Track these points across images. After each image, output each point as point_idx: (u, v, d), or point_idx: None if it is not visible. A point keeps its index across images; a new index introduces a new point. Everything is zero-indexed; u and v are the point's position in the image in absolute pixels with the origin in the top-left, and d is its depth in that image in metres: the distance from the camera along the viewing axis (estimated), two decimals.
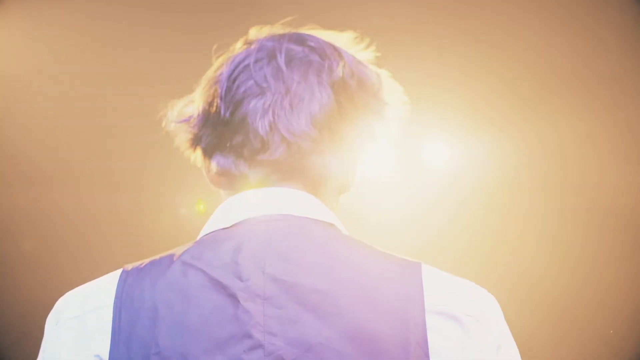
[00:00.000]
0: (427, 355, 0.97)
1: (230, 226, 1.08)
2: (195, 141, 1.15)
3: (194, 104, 1.15)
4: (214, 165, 1.13)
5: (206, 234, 1.10)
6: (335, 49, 1.16)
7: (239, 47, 1.17)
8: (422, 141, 3.74)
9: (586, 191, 3.65)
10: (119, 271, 1.07)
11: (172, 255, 1.06)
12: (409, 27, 3.53)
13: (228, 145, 1.10)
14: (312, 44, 1.15)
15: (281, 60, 1.10)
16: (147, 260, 1.07)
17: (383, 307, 0.99)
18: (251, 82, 1.09)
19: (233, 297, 0.99)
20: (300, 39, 1.15)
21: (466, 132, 3.69)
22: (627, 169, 3.58)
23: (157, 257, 1.07)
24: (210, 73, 1.16)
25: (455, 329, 1.01)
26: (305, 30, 1.20)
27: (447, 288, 1.05)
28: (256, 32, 1.19)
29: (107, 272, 1.14)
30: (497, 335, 1.05)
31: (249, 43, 1.16)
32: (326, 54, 1.14)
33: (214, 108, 1.10)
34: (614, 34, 3.46)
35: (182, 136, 1.17)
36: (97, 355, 1.00)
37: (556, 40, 3.51)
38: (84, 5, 3.56)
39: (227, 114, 1.09)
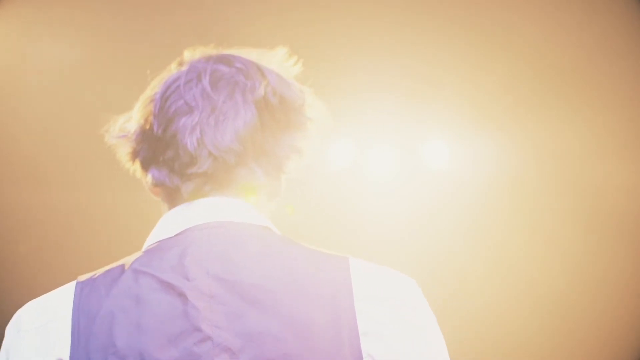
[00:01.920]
0: (357, 337, 1.10)
1: (174, 235, 1.20)
2: (134, 155, 1.27)
3: (132, 120, 1.27)
4: (149, 178, 1.25)
5: (152, 244, 1.21)
6: (259, 69, 1.26)
7: (173, 68, 1.29)
8: (423, 141, 3.73)
9: (590, 191, 3.64)
10: (74, 283, 1.18)
11: (122, 265, 1.17)
12: (410, 26, 3.53)
13: (161, 159, 1.21)
14: (238, 65, 1.25)
15: (206, 81, 1.22)
16: (99, 271, 1.18)
17: (315, 297, 1.11)
18: (181, 101, 1.21)
19: (182, 295, 1.11)
20: (227, 60, 1.26)
21: (467, 132, 3.68)
22: (632, 169, 3.57)
23: (108, 267, 1.19)
24: (147, 92, 1.28)
25: (383, 312, 1.13)
26: (235, 51, 1.30)
27: (374, 277, 1.17)
28: (190, 54, 1.31)
29: None
30: (421, 316, 1.17)
31: (181, 64, 1.28)
32: (250, 74, 1.24)
33: (149, 125, 1.22)
34: (616, 33, 3.46)
35: (122, 150, 1.29)
36: (59, 359, 1.13)
37: (558, 38, 3.50)
38: (85, 4, 3.55)
39: (160, 131, 1.21)
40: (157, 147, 1.21)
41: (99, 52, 3.60)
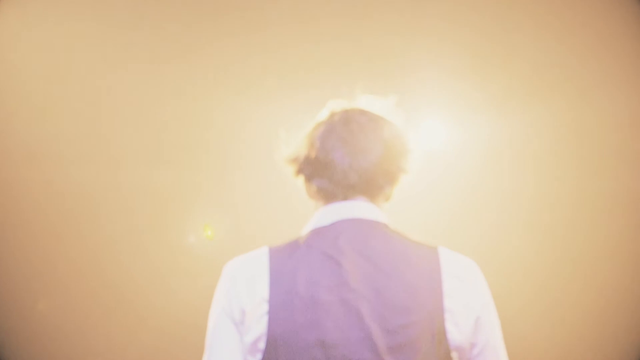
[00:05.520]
0: (442, 297, 1.73)
1: (329, 224, 1.84)
2: (300, 171, 1.92)
3: (299, 149, 1.93)
4: (313, 186, 1.89)
5: (314, 229, 1.85)
6: (382, 119, 1.93)
7: (327, 114, 1.95)
8: (418, 122, 3.74)
9: (586, 175, 3.65)
10: (267, 248, 1.82)
11: (297, 242, 1.82)
12: (408, 10, 3.54)
13: (323, 174, 1.87)
14: (370, 116, 1.92)
15: (352, 126, 1.88)
16: (282, 244, 1.83)
17: (419, 271, 1.75)
18: (336, 139, 1.87)
19: (338, 263, 1.74)
20: (363, 113, 1.93)
21: (463, 112, 3.69)
22: (627, 154, 3.59)
23: (287, 242, 1.83)
24: (313, 130, 1.93)
25: (459, 284, 1.78)
26: (362, 102, 1.98)
27: (454, 261, 1.82)
28: (334, 105, 1.97)
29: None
30: (483, 291, 1.82)
31: (333, 114, 1.94)
32: (379, 123, 1.91)
33: (313, 154, 1.88)
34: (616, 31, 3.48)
35: (291, 168, 1.93)
36: (262, 297, 1.73)
37: (554, 21, 3.52)
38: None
39: (322, 157, 1.87)
40: (319, 167, 1.87)
41: (99, 46, 3.63)
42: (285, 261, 1.78)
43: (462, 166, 3.73)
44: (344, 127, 1.89)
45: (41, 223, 3.82)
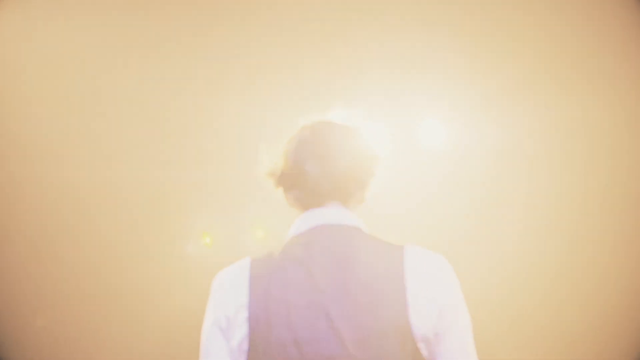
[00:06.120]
0: (405, 292, 1.86)
1: (304, 231, 1.99)
2: (279, 184, 2.08)
3: (275, 164, 2.08)
4: (291, 196, 2.05)
5: (292, 236, 2.01)
6: (350, 129, 2.09)
7: (300, 129, 2.09)
8: (419, 121, 3.73)
9: (586, 172, 3.64)
10: (249, 259, 1.98)
11: (275, 250, 1.97)
12: (409, 9, 3.54)
13: (298, 185, 2.02)
14: (339, 128, 2.08)
15: (322, 139, 2.04)
16: (261, 255, 1.98)
17: (384, 269, 1.89)
18: (309, 152, 2.02)
19: (309, 268, 1.90)
20: (332, 125, 2.09)
21: (463, 111, 3.68)
22: (622, 147, 3.57)
23: (266, 251, 1.98)
24: (286, 145, 2.08)
25: (422, 278, 1.89)
26: (332, 114, 2.13)
27: (418, 257, 1.94)
28: (305, 120, 2.11)
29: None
30: (448, 283, 1.93)
31: (304, 129, 2.09)
32: (346, 134, 2.07)
33: (288, 167, 2.04)
34: (616, 29, 3.46)
35: (271, 181, 2.08)
36: (243, 304, 1.89)
37: (556, 21, 3.51)
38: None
39: (296, 170, 2.02)
40: (294, 178, 2.02)
41: (98, 46, 3.64)
42: (264, 269, 1.95)
43: (463, 166, 3.72)
44: (314, 139, 2.07)
45: (38, 227, 3.84)
